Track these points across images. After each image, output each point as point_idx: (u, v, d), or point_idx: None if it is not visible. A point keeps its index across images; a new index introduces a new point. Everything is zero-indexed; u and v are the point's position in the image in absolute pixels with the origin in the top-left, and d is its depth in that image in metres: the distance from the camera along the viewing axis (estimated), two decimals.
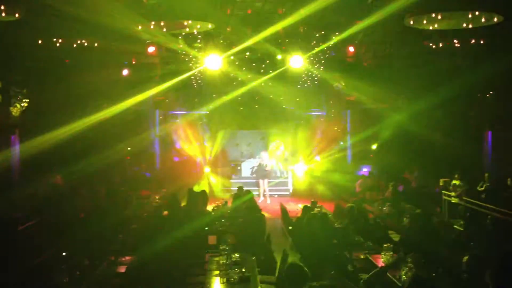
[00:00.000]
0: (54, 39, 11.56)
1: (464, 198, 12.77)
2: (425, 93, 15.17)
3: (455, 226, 10.06)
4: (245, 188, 13.45)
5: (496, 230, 9.68)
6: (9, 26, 9.42)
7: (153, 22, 10.98)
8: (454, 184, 13.41)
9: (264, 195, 17.18)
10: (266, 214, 10.92)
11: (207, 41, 15.37)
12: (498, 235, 9.48)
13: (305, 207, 11.03)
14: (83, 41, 11.71)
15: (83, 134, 14.46)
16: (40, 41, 11.49)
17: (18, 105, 13.79)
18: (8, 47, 11.34)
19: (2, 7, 8.47)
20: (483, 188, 13.64)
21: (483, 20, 9.83)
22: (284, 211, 12.77)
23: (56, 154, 14.01)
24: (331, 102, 19.92)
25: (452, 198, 13.29)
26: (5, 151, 13.87)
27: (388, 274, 6.59)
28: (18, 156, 14.09)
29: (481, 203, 11.78)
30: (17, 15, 8.88)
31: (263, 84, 19.60)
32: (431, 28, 10.37)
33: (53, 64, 12.78)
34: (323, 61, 16.75)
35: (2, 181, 13.54)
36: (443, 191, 13.88)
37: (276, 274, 7.53)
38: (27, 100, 13.72)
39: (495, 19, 9.76)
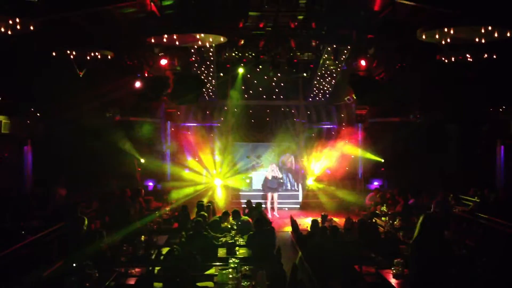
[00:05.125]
0: (68, 52, 11.66)
1: (476, 213, 12.62)
2: (437, 107, 15.09)
3: (466, 242, 9.95)
4: (254, 201, 13.45)
5: (508, 246, 9.55)
6: (23, 38, 9.52)
7: (165, 35, 11.06)
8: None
9: (272, 208, 16.91)
10: (276, 227, 10.87)
11: (219, 54, 15.49)
12: (510, 250, 9.36)
13: (314, 221, 11.00)
14: (97, 53, 11.80)
15: (95, 146, 14.56)
16: (54, 54, 11.59)
17: (31, 117, 13.94)
18: (22, 59, 11.46)
19: (17, 20, 8.58)
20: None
21: (496, 35, 9.80)
22: (294, 224, 12.73)
23: (67, 165, 14.13)
24: (342, 115, 19.92)
25: (464, 213, 13.15)
26: (17, 162, 14.01)
27: None
28: (30, 167, 14.22)
29: (493, 219, 11.63)
30: (31, 27, 8.99)
31: (274, 97, 19.70)
32: (443, 42, 10.34)
33: (67, 76, 12.91)
34: (334, 74, 16.78)
35: (14, 191, 13.66)
36: (455, 206, 13.74)
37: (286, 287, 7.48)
38: (40, 112, 13.87)
39: (508, 34, 9.73)
